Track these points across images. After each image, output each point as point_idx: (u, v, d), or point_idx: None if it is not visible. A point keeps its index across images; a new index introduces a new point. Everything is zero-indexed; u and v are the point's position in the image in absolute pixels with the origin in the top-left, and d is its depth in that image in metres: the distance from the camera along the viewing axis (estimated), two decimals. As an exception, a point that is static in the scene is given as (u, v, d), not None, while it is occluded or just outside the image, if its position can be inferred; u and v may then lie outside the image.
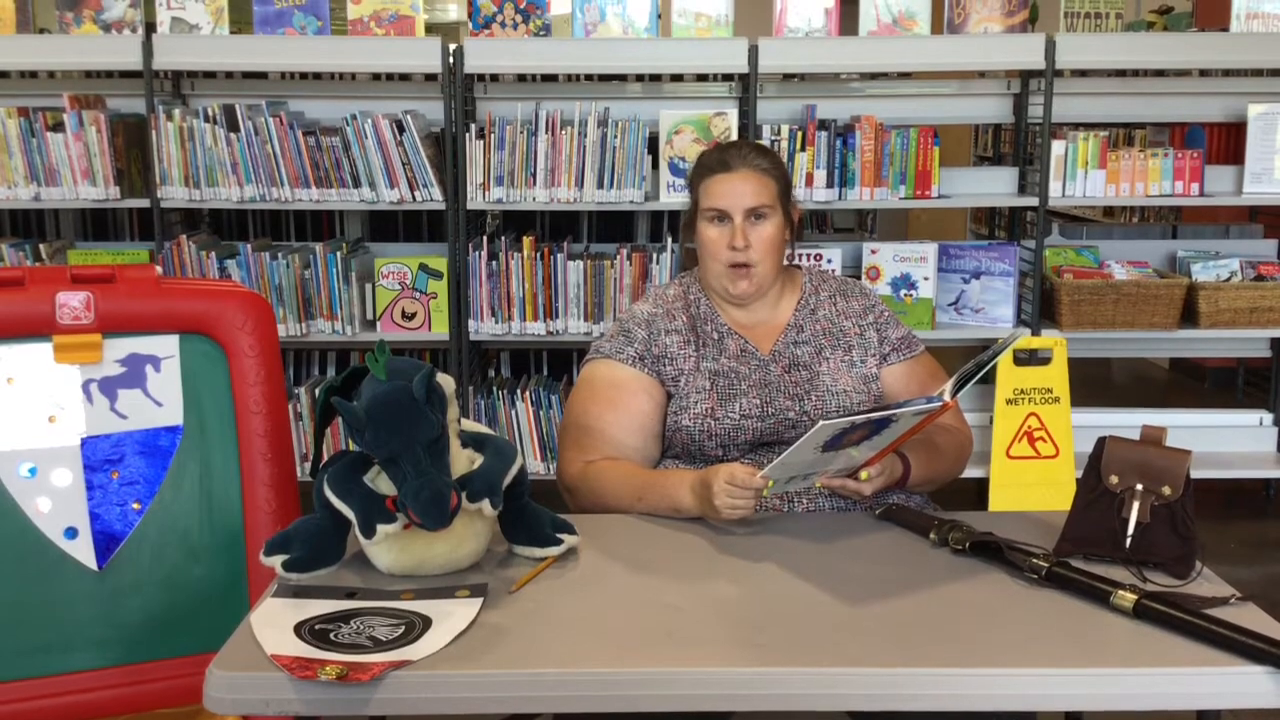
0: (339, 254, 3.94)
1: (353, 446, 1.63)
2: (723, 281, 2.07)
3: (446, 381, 1.63)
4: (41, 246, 3.98)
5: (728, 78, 4.27)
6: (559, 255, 3.91)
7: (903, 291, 4.01)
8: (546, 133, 3.84)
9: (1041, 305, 4.04)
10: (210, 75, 4.30)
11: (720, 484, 1.77)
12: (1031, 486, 3.61)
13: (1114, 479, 1.64)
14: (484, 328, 3.96)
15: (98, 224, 4.68)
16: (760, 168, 2.07)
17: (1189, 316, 4.07)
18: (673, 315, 2.09)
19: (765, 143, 3.85)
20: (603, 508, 1.94)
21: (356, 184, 3.86)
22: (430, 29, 4.14)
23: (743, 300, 2.08)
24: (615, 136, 3.85)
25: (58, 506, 1.80)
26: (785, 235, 2.10)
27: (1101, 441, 1.68)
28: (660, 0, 3.91)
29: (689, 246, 2.17)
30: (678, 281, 2.18)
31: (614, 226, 4.58)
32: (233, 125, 3.81)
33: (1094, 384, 5.93)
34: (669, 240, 4.03)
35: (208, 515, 1.86)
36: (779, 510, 1.93)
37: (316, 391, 1.74)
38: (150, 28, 3.88)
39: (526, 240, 3.94)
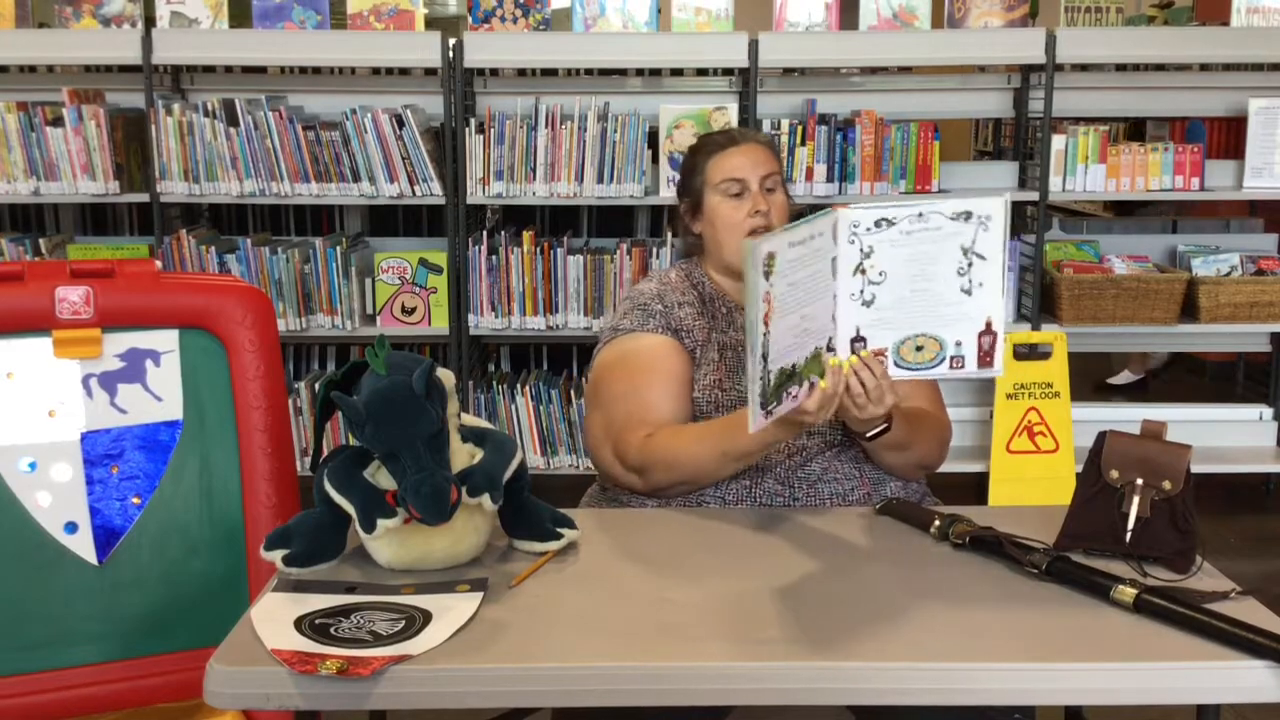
0: (339, 249, 3.93)
1: (353, 441, 1.63)
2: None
3: (446, 376, 1.63)
4: (41, 241, 3.97)
5: (728, 72, 4.26)
6: (559, 250, 3.91)
7: (903, 286, 4.00)
8: (546, 127, 3.84)
9: (1042, 300, 4.04)
10: (210, 70, 4.30)
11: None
12: (1031, 481, 3.61)
13: (1114, 474, 1.64)
14: (484, 322, 3.96)
15: (97, 219, 4.68)
16: (764, 142, 2.12)
17: (1189, 311, 4.07)
18: (681, 291, 2.08)
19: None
20: (682, 478, 1.89)
21: (356, 179, 3.86)
22: (430, 23, 4.13)
23: None
24: (615, 131, 3.84)
25: (58, 501, 1.80)
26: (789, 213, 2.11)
27: (1102, 436, 1.68)
28: (660, -6, 3.92)
29: (691, 236, 2.13)
30: (677, 267, 2.17)
31: (614, 221, 4.58)
32: (232, 120, 3.81)
33: (1094, 379, 5.92)
34: (669, 235, 4.03)
35: (207, 510, 1.86)
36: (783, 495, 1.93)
37: (316, 386, 1.74)
38: (149, 22, 3.88)
39: (526, 235, 3.94)
